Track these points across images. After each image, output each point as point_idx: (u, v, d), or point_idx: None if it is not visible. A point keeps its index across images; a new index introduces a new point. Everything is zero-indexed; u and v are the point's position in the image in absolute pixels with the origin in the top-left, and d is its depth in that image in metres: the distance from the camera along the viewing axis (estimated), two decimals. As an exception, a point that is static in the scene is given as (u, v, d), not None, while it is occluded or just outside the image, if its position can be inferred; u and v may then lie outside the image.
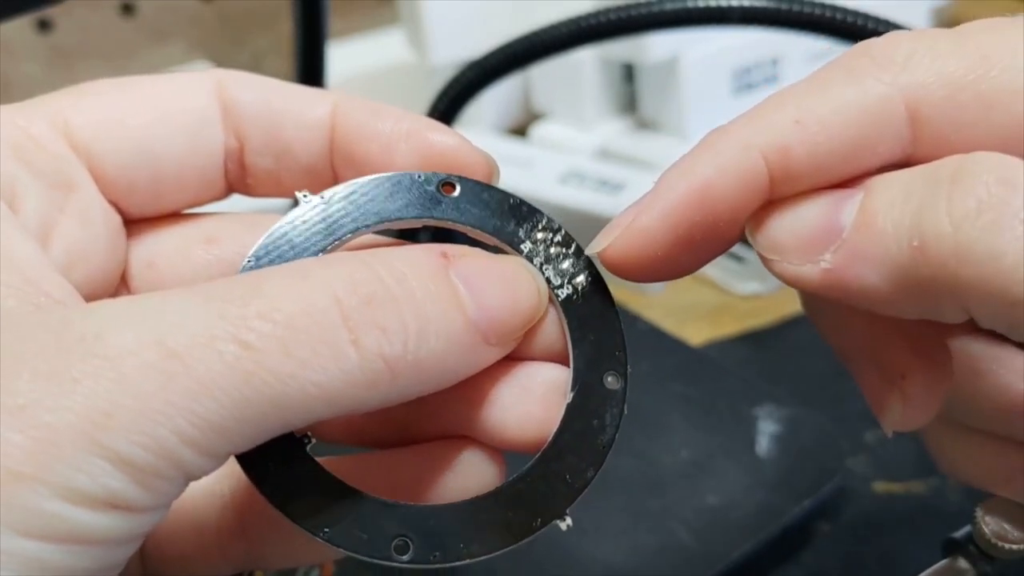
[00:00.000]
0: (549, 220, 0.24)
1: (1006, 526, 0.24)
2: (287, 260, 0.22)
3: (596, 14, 0.44)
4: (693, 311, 0.57)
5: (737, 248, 0.63)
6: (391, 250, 0.21)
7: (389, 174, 0.23)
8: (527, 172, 0.61)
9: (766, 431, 0.45)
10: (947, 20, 0.78)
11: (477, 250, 0.22)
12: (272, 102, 0.24)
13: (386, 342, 0.19)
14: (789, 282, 0.22)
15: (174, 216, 0.25)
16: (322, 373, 0.18)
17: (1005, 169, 0.18)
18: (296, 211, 0.23)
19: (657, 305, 0.57)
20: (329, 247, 0.23)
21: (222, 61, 0.79)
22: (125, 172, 0.23)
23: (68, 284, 0.21)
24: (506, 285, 0.22)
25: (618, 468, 0.43)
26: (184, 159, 0.24)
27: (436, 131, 0.24)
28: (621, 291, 0.66)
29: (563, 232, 0.24)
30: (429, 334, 0.20)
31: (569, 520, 0.22)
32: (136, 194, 0.24)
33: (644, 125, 0.69)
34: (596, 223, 0.23)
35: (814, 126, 0.21)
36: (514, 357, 0.23)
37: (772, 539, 0.40)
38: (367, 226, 0.23)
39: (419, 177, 0.23)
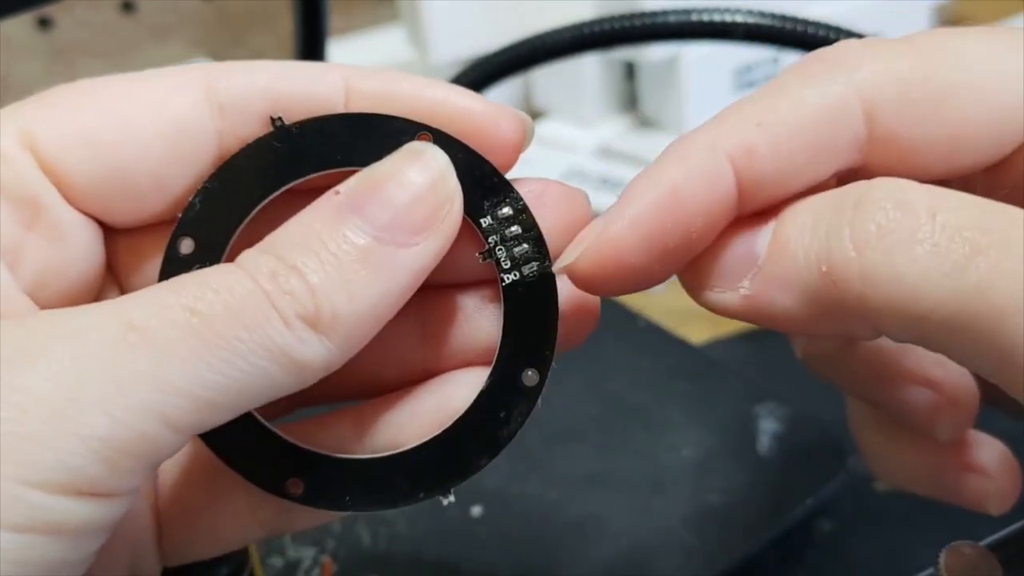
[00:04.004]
0: (517, 198, 0.23)
1: (967, 574, 0.24)
2: (245, 188, 0.23)
3: (600, 21, 0.44)
4: (694, 310, 0.56)
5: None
6: (295, 218, 0.22)
7: (369, 115, 0.23)
8: (528, 170, 0.61)
9: (767, 430, 0.45)
10: (948, 19, 0.77)
11: (369, 167, 0.22)
12: (275, 87, 0.23)
13: (298, 304, 0.20)
14: (712, 309, 0.23)
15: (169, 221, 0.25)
16: (264, 336, 0.20)
17: (903, 193, 0.19)
18: (265, 138, 0.23)
19: (657, 304, 0.57)
20: (289, 183, 0.23)
21: (222, 59, 0.79)
22: (96, 187, 0.23)
23: (33, 306, 0.22)
24: (392, 183, 0.22)
25: (619, 467, 0.43)
26: (162, 170, 0.23)
27: (461, 97, 0.24)
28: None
29: (528, 215, 0.23)
30: (330, 279, 0.20)
31: (452, 497, 0.23)
32: (113, 207, 0.23)
33: (645, 123, 0.69)
34: (597, 222, 0.23)
35: (776, 126, 0.21)
36: (449, 355, 0.24)
37: (773, 538, 0.40)
38: (329, 169, 0.23)
39: (396, 123, 0.23)
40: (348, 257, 0.21)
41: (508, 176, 0.24)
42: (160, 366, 0.19)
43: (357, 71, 0.24)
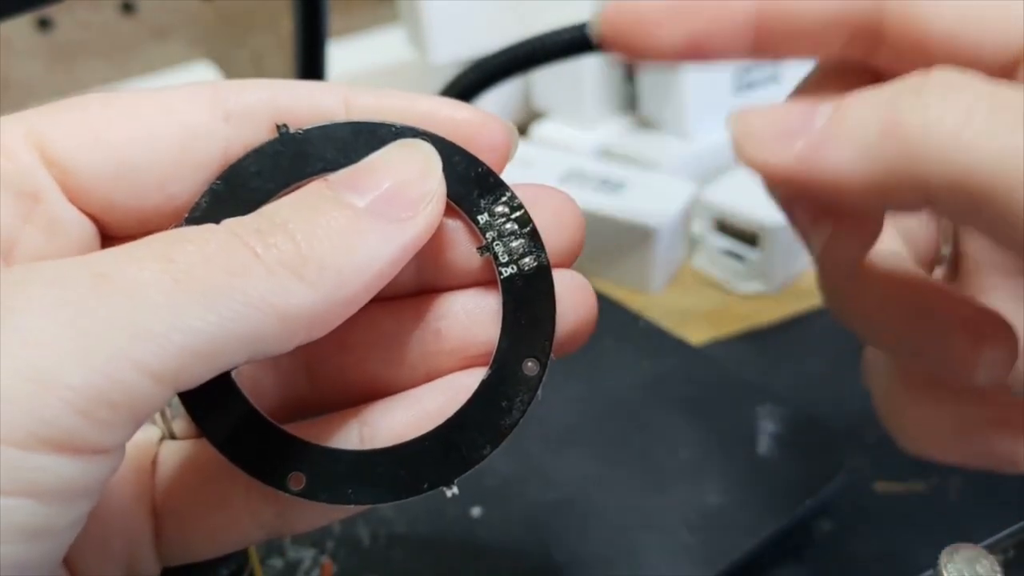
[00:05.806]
0: (512, 196, 0.25)
1: (967, 574, 0.24)
2: (250, 189, 0.23)
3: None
4: (693, 311, 0.57)
5: (738, 247, 0.63)
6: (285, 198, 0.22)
7: (370, 122, 0.24)
8: (528, 171, 0.61)
9: (767, 431, 0.45)
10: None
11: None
12: (279, 99, 0.24)
13: (279, 252, 0.20)
14: (759, 168, 0.22)
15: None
16: (242, 279, 0.20)
17: (965, 74, 0.20)
18: (271, 142, 0.24)
19: (657, 305, 0.57)
20: (292, 184, 0.24)
21: (222, 60, 0.79)
22: (101, 184, 0.23)
23: None
24: (382, 167, 0.23)
25: (619, 467, 0.43)
26: (168, 170, 0.23)
27: (451, 108, 0.25)
28: (621, 291, 0.66)
29: (523, 211, 0.24)
30: (316, 235, 0.21)
31: (455, 489, 0.23)
32: (115, 206, 0.23)
33: (645, 124, 0.69)
34: (598, 222, 0.23)
35: None
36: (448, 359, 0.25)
37: (773, 538, 0.40)
38: (332, 171, 0.23)
39: (395, 129, 0.24)
40: (337, 223, 0.21)
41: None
42: (133, 311, 0.18)
43: (354, 88, 0.25)
